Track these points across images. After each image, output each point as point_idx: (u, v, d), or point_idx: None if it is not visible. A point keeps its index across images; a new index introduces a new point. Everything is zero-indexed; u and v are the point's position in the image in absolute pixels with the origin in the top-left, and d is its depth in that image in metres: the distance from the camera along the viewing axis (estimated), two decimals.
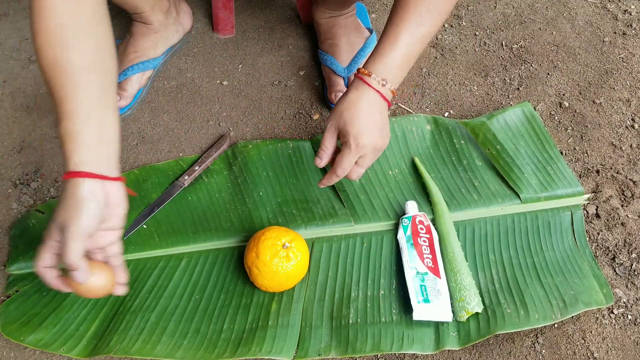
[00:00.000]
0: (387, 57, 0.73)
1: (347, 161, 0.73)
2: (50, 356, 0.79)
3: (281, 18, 1.18)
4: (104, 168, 0.61)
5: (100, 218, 0.61)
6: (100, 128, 0.61)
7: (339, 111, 0.73)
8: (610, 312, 0.81)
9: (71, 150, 0.59)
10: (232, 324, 0.79)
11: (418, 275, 0.80)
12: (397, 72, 0.74)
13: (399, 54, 0.73)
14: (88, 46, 0.62)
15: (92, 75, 0.62)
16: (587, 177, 0.94)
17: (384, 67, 0.73)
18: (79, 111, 0.60)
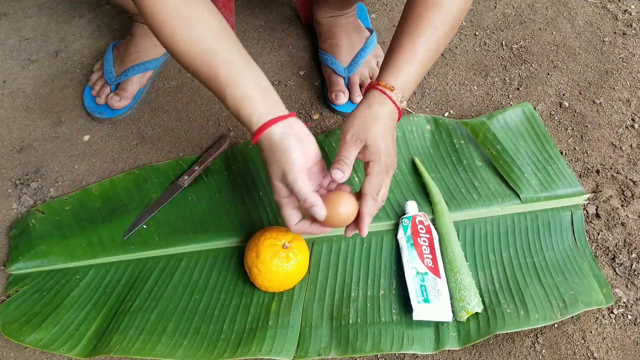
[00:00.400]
0: (404, 72, 0.71)
1: (379, 183, 0.69)
2: (50, 356, 0.79)
3: (281, 18, 1.18)
4: (279, 110, 0.66)
5: (303, 152, 0.65)
6: (258, 82, 0.67)
7: (364, 124, 0.69)
8: (610, 312, 0.81)
9: (249, 112, 0.65)
10: (232, 324, 0.79)
11: (418, 275, 0.80)
12: (412, 87, 0.73)
13: (414, 68, 0.72)
14: (206, 15, 0.67)
15: (226, 39, 0.67)
16: (587, 177, 0.94)
17: (401, 82, 0.71)
18: (236, 76, 0.66)
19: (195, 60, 0.66)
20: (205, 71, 0.66)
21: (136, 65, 1.03)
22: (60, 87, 1.08)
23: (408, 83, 0.72)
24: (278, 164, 0.64)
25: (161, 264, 0.86)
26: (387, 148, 0.69)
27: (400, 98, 0.72)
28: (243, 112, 0.66)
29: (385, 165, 0.69)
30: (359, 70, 1.03)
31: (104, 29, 1.17)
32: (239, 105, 0.66)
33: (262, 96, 0.66)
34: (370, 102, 0.71)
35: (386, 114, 0.71)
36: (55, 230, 0.88)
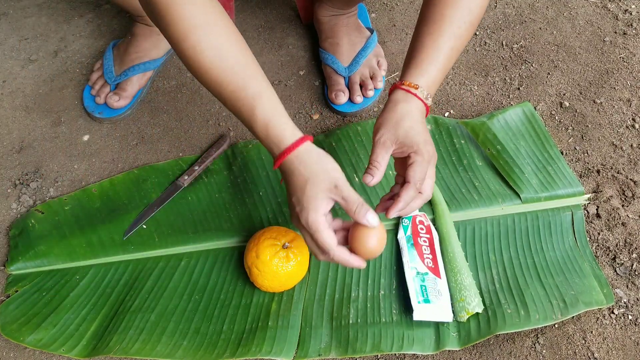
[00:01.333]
0: (428, 70, 0.71)
1: (423, 172, 0.67)
2: (50, 356, 0.79)
3: (281, 18, 1.18)
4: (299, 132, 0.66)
5: None
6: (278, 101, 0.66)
7: (393, 123, 0.68)
8: (611, 312, 0.81)
9: (283, 126, 0.64)
10: (232, 324, 0.79)
11: (418, 275, 0.80)
12: (436, 85, 0.73)
13: (438, 67, 0.71)
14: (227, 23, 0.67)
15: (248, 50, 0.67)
16: (588, 177, 0.94)
17: (426, 80, 0.71)
18: (265, 89, 0.65)
19: (224, 71, 0.64)
20: (234, 83, 0.64)
21: (136, 65, 1.03)
22: (60, 86, 1.08)
23: (433, 82, 0.72)
24: (330, 174, 0.63)
25: (161, 264, 0.86)
26: (425, 139, 0.68)
27: (426, 95, 0.71)
28: (275, 123, 0.64)
29: (428, 154, 0.68)
30: (359, 70, 1.02)
31: (103, 28, 1.17)
32: (270, 118, 0.64)
33: (286, 114, 0.66)
34: (395, 101, 0.70)
35: (414, 108, 0.70)
36: (55, 230, 0.88)
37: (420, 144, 0.67)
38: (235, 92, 0.65)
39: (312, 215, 0.62)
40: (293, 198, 0.65)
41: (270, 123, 0.64)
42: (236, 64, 0.65)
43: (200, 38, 0.63)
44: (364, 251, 0.66)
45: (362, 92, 1.02)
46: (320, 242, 0.63)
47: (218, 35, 0.65)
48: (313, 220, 0.62)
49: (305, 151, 0.64)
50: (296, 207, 0.64)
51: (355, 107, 1.01)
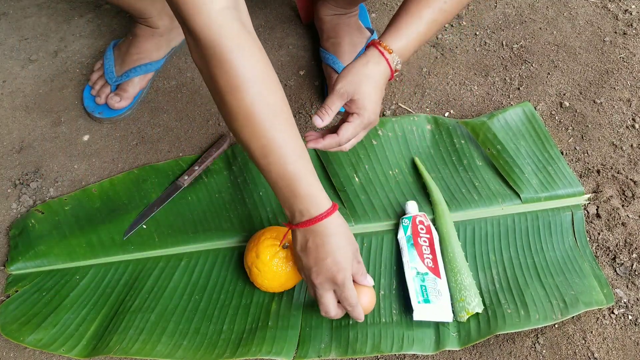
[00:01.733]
0: (406, 37, 0.74)
1: (354, 133, 0.73)
2: (50, 356, 0.79)
3: (281, 18, 1.18)
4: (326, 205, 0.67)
5: None
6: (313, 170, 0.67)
7: (356, 80, 0.73)
8: (611, 313, 0.81)
9: (316, 190, 0.66)
10: (232, 324, 0.79)
11: (418, 275, 0.80)
12: (409, 53, 0.76)
13: (416, 36, 0.74)
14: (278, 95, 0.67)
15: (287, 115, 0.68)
16: (588, 177, 0.94)
17: (402, 48, 0.74)
18: (297, 151, 0.66)
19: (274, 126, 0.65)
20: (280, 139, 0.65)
21: (138, 66, 1.03)
22: (60, 86, 1.08)
23: (407, 48, 0.75)
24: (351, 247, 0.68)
25: (161, 264, 0.86)
26: (373, 107, 0.74)
27: (397, 61, 0.75)
28: (307, 182, 0.65)
29: (368, 121, 0.74)
30: None
31: (103, 28, 1.17)
32: (304, 179, 0.65)
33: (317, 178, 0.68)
34: (367, 59, 0.74)
35: (380, 72, 0.74)
36: (55, 231, 0.88)
37: (367, 110, 0.73)
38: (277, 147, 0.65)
39: (349, 275, 0.68)
40: (328, 259, 0.66)
41: (300, 182, 0.65)
42: (287, 118, 0.67)
43: (260, 90, 0.64)
44: None
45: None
46: (350, 297, 0.68)
47: (275, 88, 0.66)
48: (349, 279, 0.68)
49: (339, 215, 0.68)
50: (332, 267, 0.67)
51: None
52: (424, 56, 1.11)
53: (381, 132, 0.96)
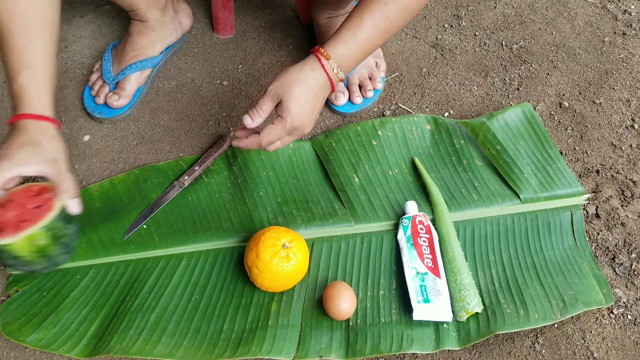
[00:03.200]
0: (347, 45, 0.73)
1: (277, 136, 0.74)
2: (50, 356, 0.79)
3: (281, 18, 1.18)
4: (51, 113, 0.72)
5: None
6: (53, 79, 0.72)
7: (287, 83, 0.72)
8: (610, 312, 0.81)
9: (37, 95, 0.70)
10: (232, 324, 0.79)
11: (418, 275, 0.80)
12: (352, 62, 0.75)
13: (356, 42, 0.73)
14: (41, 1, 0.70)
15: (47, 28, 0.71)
16: (587, 177, 0.94)
17: (342, 54, 0.73)
18: (41, 62, 0.70)
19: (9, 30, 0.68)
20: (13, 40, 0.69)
21: (133, 63, 1.03)
22: (60, 87, 1.08)
23: (347, 56, 0.74)
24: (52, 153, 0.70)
25: (161, 264, 0.86)
26: (298, 111, 0.72)
27: (336, 69, 0.73)
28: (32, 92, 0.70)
29: (290, 126, 0.73)
30: (358, 70, 1.03)
31: (104, 29, 1.17)
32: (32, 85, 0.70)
33: (50, 93, 0.72)
34: (304, 64, 0.74)
35: (314, 78, 0.73)
36: None
37: (291, 115, 0.72)
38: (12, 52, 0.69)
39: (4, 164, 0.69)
40: (3, 146, 0.69)
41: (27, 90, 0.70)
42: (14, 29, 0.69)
43: None
44: (337, 311, 0.76)
45: (361, 92, 1.02)
46: None
47: None
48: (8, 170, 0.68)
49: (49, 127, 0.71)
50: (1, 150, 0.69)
51: (354, 107, 1.02)
52: (424, 56, 1.11)
53: (381, 132, 0.96)
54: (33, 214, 0.70)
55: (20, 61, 0.69)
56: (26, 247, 0.70)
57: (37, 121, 0.70)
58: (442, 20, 1.17)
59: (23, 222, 0.70)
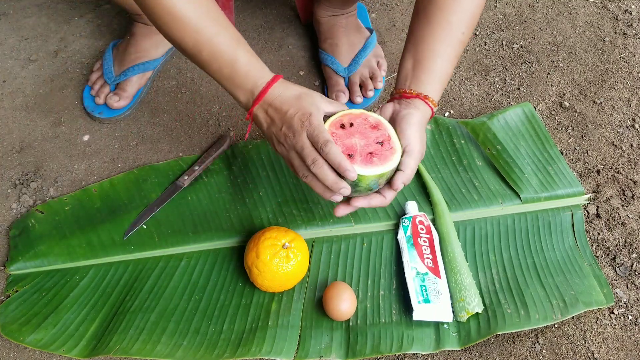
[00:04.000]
0: (442, 82, 0.72)
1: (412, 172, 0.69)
2: (50, 356, 0.79)
3: (281, 18, 1.18)
4: None
5: None
6: None
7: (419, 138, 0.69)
8: (611, 313, 0.81)
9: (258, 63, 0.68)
10: (232, 324, 0.79)
11: (418, 275, 0.80)
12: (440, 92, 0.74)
13: (448, 76, 0.73)
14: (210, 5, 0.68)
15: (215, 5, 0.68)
16: (588, 177, 0.94)
17: (437, 91, 0.72)
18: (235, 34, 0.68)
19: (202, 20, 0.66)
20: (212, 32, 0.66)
21: (136, 65, 1.03)
22: (60, 87, 1.08)
23: (440, 90, 0.73)
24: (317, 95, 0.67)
25: (161, 264, 0.86)
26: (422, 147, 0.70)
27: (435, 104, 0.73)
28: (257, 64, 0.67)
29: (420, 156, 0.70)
30: (359, 70, 1.02)
31: (103, 28, 1.17)
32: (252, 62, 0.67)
33: None
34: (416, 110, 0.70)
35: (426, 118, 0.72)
36: (55, 231, 0.88)
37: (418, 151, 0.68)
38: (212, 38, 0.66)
39: (316, 115, 0.64)
40: (291, 110, 0.65)
41: (253, 65, 0.67)
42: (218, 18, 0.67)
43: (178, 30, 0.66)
44: (337, 312, 0.76)
45: (362, 92, 1.02)
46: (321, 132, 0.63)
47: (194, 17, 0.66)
48: (317, 119, 0.64)
49: (288, 82, 0.68)
50: (297, 112, 0.64)
51: (355, 107, 1.02)
52: None
53: None
54: (378, 150, 0.66)
55: (229, 45, 0.66)
56: (371, 181, 0.65)
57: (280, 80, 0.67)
58: None
59: (372, 155, 0.65)
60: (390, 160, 0.66)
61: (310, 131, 0.63)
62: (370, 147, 0.66)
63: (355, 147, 0.66)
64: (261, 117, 0.68)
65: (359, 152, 0.66)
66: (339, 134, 0.66)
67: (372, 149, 0.66)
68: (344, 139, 0.66)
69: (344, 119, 0.68)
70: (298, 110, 0.65)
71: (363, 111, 0.69)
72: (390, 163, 0.66)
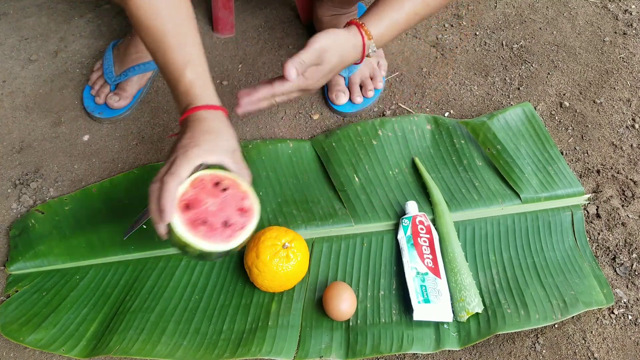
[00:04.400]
0: (385, 25, 0.75)
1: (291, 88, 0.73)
2: (50, 356, 0.79)
3: (281, 18, 1.18)
4: (219, 102, 0.72)
5: None
6: (207, 67, 0.72)
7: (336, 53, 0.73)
8: (611, 313, 0.81)
9: (204, 87, 0.70)
10: (232, 324, 0.79)
11: (418, 275, 0.80)
12: (384, 41, 0.77)
13: (396, 26, 0.76)
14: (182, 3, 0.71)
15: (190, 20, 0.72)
16: (588, 177, 0.94)
17: (379, 34, 0.75)
18: (197, 55, 0.71)
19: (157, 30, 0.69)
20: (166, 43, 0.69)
21: (136, 65, 1.03)
22: (60, 87, 1.08)
23: (383, 35, 0.76)
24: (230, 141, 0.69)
25: (161, 264, 0.86)
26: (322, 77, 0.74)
27: (372, 48, 0.76)
28: (198, 84, 0.69)
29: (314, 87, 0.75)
30: (359, 70, 1.02)
31: (103, 28, 1.17)
32: (199, 79, 0.70)
33: (211, 83, 0.72)
34: (347, 35, 0.74)
35: (352, 57, 0.76)
36: (55, 231, 0.88)
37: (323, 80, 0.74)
38: (171, 50, 0.69)
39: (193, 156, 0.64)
40: (186, 135, 0.66)
41: (195, 84, 0.69)
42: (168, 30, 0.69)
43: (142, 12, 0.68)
44: (337, 312, 0.76)
45: (362, 92, 1.02)
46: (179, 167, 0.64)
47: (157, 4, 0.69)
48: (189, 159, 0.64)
49: (222, 115, 0.70)
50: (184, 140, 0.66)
51: (355, 107, 1.02)
52: (424, 56, 1.11)
53: (381, 132, 0.96)
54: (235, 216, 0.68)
55: (181, 59, 0.69)
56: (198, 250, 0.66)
57: (214, 111, 0.69)
58: (443, 19, 1.17)
59: (229, 226, 0.67)
60: (226, 241, 0.66)
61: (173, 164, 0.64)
62: (225, 213, 0.67)
63: (208, 220, 0.66)
64: (181, 129, 0.69)
65: (213, 225, 0.66)
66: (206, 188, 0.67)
67: (230, 217, 0.67)
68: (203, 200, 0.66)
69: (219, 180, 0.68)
70: (192, 139, 0.66)
71: (235, 179, 0.69)
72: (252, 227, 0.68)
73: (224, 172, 0.69)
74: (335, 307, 0.76)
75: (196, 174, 0.67)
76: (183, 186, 0.65)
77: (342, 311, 0.76)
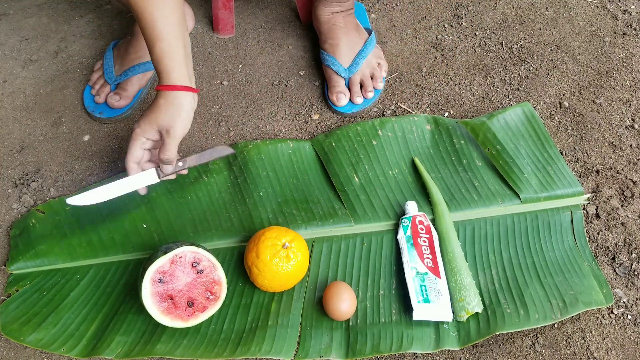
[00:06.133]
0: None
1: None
2: (50, 356, 0.79)
3: (281, 18, 1.18)
4: (190, 82, 0.77)
5: None
6: (185, 48, 0.76)
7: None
8: (610, 312, 0.81)
9: (170, 66, 0.74)
10: (231, 323, 0.79)
11: (418, 275, 0.80)
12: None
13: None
14: None
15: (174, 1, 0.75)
16: (587, 177, 0.94)
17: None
18: (172, 33, 0.74)
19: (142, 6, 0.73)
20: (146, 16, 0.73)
21: (136, 65, 1.03)
22: (60, 87, 1.08)
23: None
24: (169, 120, 0.75)
25: None
26: None
27: None
28: (166, 62, 0.74)
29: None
30: (359, 70, 1.03)
31: (104, 28, 1.17)
32: (166, 56, 0.74)
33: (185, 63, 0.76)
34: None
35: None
36: (55, 230, 0.88)
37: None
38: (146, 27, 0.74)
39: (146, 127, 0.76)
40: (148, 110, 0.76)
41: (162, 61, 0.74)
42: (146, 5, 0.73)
43: None
44: (337, 312, 0.76)
45: (362, 92, 1.02)
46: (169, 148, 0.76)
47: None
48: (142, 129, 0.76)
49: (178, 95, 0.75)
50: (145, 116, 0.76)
51: (355, 107, 1.02)
52: (424, 56, 1.11)
53: (381, 132, 0.96)
54: (200, 298, 0.76)
55: (152, 36, 0.74)
56: None
57: (168, 91, 0.75)
58: (442, 20, 1.17)
59: (192, 306, 0.75)
60: (185, 320, 0.75)
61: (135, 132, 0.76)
62: (185, 297, 0.75)
63: (175, 291, 0.74)
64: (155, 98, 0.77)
65: (176, 297, 0.74)
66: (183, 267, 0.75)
67: (185, 300, 0.75)
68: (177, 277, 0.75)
69: (198, 261, 0.76)
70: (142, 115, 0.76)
71: (215, 264, 0.77)
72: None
73: (207, 254, 0.77)
74: (335, 307, 0.76)
75: (179, 249, 0.75)
76: (163, 260, 0.74)
77: (342, 311, 0.76)
